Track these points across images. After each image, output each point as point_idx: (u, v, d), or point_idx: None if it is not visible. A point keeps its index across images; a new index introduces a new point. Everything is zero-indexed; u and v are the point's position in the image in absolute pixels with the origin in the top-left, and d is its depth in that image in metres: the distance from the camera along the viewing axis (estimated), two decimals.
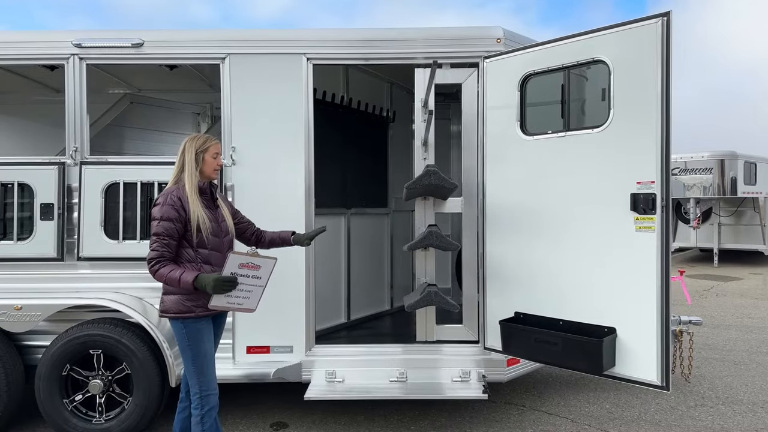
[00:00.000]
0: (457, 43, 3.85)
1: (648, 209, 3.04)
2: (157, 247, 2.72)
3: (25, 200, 3.84)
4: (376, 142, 5.46)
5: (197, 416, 2.83)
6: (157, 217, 2.74)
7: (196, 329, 2.82)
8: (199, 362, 2.82)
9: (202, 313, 2.81)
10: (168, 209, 2.73)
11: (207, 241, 2.83)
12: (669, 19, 2.95)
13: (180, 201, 2.77)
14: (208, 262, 2.86)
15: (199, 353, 2.82)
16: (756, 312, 7.97)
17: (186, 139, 2.93)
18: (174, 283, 2.69)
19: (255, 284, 2.80)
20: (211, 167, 2.92)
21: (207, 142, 2.92)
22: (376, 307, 5.46)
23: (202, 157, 2.88)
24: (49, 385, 3.61)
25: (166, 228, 2.72)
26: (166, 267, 2.70)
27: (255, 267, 2.77)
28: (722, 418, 4.15)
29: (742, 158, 12.83)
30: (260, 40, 3.88)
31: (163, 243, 2.72)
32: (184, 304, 2.79)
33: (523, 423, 4.04)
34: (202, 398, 2.83)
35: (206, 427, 2.83)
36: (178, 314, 2.79)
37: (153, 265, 2.71)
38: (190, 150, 2.87)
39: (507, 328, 3.56)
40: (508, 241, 3.67)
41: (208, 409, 2.83)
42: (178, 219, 2.74)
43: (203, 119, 5.91)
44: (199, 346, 2.83)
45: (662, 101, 2.97)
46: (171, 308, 2.81)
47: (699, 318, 3.72)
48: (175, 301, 2.80)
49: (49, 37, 3.89)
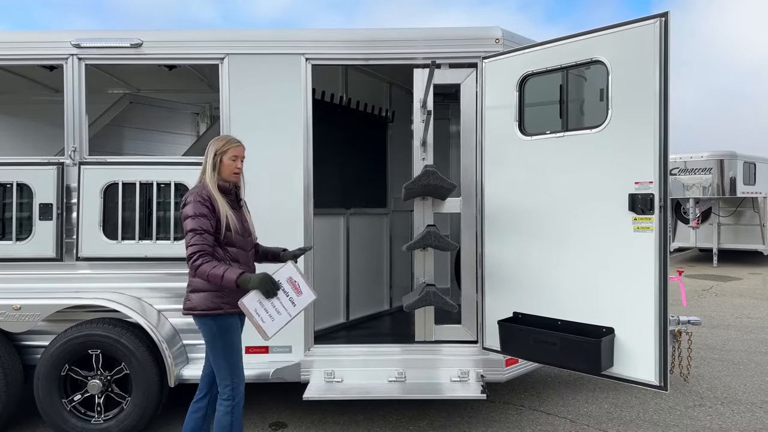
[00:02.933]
0: (455, 43, 3.86)
1: (646, 209, 3.04)
2: (195, 241, 2.73)
3: (24, 200, 3.84)
4: (375, 142, 5.47)
5: (228, 407, 2.87)
6: (190, 214, 2.76)
7: (226, 325, 2.86)
8: (230, 356, 2.87)
9: (230, 310, 2.84)
10: (199, 205, 2.77)
11: (235, 239, 2.88)
12: (667, 19, 2.95)
13: (209, 198, 2.81)
14: (236, 261, 2.90)
15: (231, 347, 2.88)
16: (755, 312, 7.97)
17: (212, 140, 2.99)
18: (216, 279, 2.70)
19: (286, 308, 2.79)
20: (229, 169, 2.94)
21: (227, 144, 2.94)
22: (375, 307, 5.46)
23: (220, 159, 2.92)
24: (48, 384, 3.61)
25: (201, 223, 2.75)
26: (209, 263, 2.71)
27: (298, 290, 2.80)
28: (721, 418, 4.15)
29: (742, 158, 12.84)
30: (259, 40, 3.88)
31: (201, 237, 2.74)
32: (214, 301, 2.82)
33: (521, 423, 4.05)
34: (234, 389, 2.88)
35: (235, 417, 2.89)
36: (207, 311, 2.82)
37: (195, 260, 2.71)
38: (211, 150, 2.93)
39: (505, 328, 3.56)
40: (506, 241, 3.67)
41: (238, 400, 2.90)
42: (210, 215, 2.78)
43: (202, 119, 5.92)
44: (231, 340, 2.88)
45: (660, 101, 2.98)
46: (200, 305, 2.83)
47: (698, 318, 3.72)
48: (204, 298, 2.82)
49: (48, 38, 3.89)
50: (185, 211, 2.80)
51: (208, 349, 2.92)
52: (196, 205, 2.78)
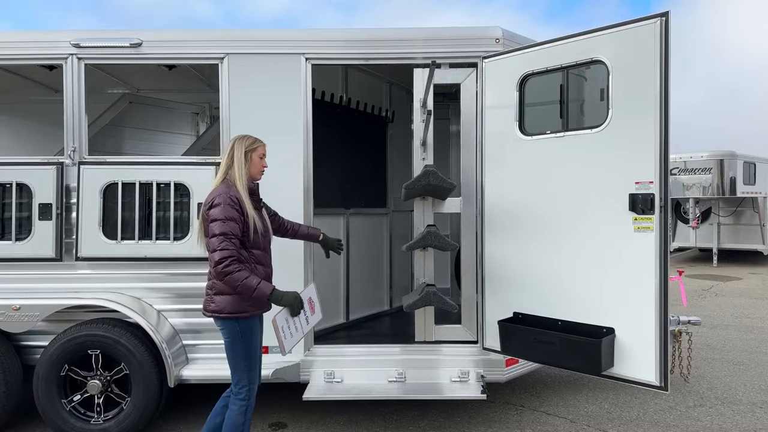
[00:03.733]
0: (455, 43, 3.85)
1: (646, 209, 3.03)
2: (226, 246, 2.72)
3: (23, 200, 3.83)
4: (375, 142, 5.46)
5: (242, 407, 2.91)
6: (221, 218, 2.75)
7: (249, 327, 2.91)
8: (251, 356, 2.93)
9: (255, 312, 2.91)
10: (229, 209, 2.76)
11: (259, 242, 2.92)
12: (668, 19, 2.94)
13: (238, 201, 2.81)
14: (260, 263, 2.95)
15: (252, 348, 2.93)
16: (755, 312, 7.97)
17: (235, 138, 3.01)
18: (248, 291, 2.73)
19: (302, 326, 2.97)
20: (258, 168, 3.00)
21: (255, 142, 3.00)
22: (375, 307, 5.46)
23: (250, 156, 2.96)
24: (48, 385, 3.61)
25: (232, 228, 2.75)
26: (241, 272, 2.72)
27: (313, 310, 2.95)
28: (721, 418, 4.15)
29: (742, 158, 12.84)
30: (259, 40, 3.88)
31: (231, 243, 2.73)
32: (241, 304, 2.84)
33: (521, 423, 4.04)
34: (250, 390, 2.93)
35: (248, 416, 2.94)
36: (234, 314, 2.85)
37: (226, 265, 2.70)
38: (239, 148, 2.94)
39: (505, 328, 3.56)
40: (506, 241, 3.66)
41: (252, 401, 2.96)
42: (239, 219, 2.79)
43: (202, 119, 5.91)
44: (252, 342, 2.94)
45: (661, 101, 2.97)
46: (226, 308, 2.84)
47: (698, 318, 3.72)
48: (230, 301, 2.84)
49: (48, 37, 3.89)
50: (213, 213, 2.77)
51: (227, 350, 2.93)
52: (226, 208, 2.76)
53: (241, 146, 2.95)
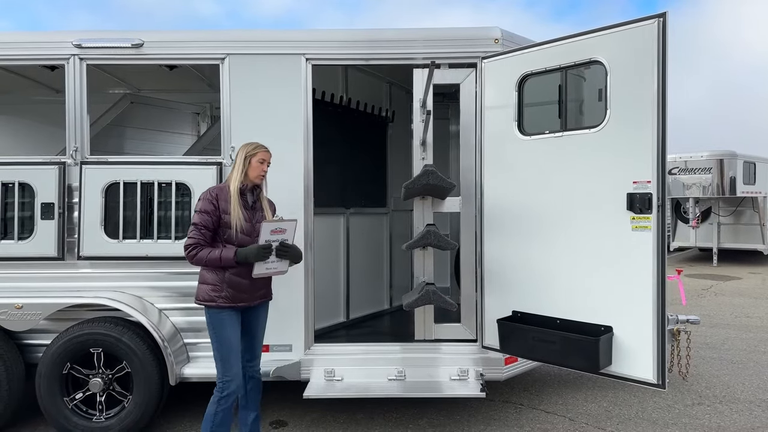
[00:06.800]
0: (455, 43, 3.87)
1: (644, 209, 3.05)
2: (193, 234, 3.01)
3: (25, 200, 3.86)
4: (375, 142, 5.48)
5: (216, 397, 3.06)
6: (196, 210, 3.06)
7: (218, 318, 3.05)
8: (221, 350, 3.05)
9: (223, 303, 3.05)
10: (205, 203, 3.05)
11: (236, 238, 3.06)
12: (665, 19, 2.96)
13: (216, 197, 3.07)
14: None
15: (221, 341, 3.05)
16: (755, 311, 7.98)
17: (242, 144, 3.24)
18: (215, 261, 2.98)
19: (285, 247, 3.09)
20: (256, 171, 3.17)
21: (257, 148, 3.21)
22: (375, 306, 5.48)
23: (249, 161, 3.16)
24: (50, 383, 3.63)
25: (202, 219, 3.02)
26: (204, 250, 2.99)
27: (282, 231, 3.06)
28: (719, 417, 4.17)
29: (741, 158, 12.84)
30: (259, 40, 3.90)
31: (199, 232, 3.01)
32: (209, 294, 3.05)
33: (520, 421, 4.06)
34: (223, 383, 3.05)
35: (220, 408, 3.04)
36: (203, 302, 3.07)
37: (190, 251, 2.99)
38: (242, 152, 3.18)
39: (505, 326, 3.58)
40: (506, 240, 3.69)
41: (227, 394, 3.05)
42: (212, 212, 3.04)
43: (203, 119, 5.94)
44: (221, 334, 3.06)
45: (659, 101, 2.99)
46: (199, 296, 3.09)
47: (696, 317, 3.72)
48: (202, 290, 3.08)
49: (50, 38, 3.91)
50: (195, 206, 3.10)
51: None
52: (203, 201, 3.05)
53: (243, 151, 3.18)
